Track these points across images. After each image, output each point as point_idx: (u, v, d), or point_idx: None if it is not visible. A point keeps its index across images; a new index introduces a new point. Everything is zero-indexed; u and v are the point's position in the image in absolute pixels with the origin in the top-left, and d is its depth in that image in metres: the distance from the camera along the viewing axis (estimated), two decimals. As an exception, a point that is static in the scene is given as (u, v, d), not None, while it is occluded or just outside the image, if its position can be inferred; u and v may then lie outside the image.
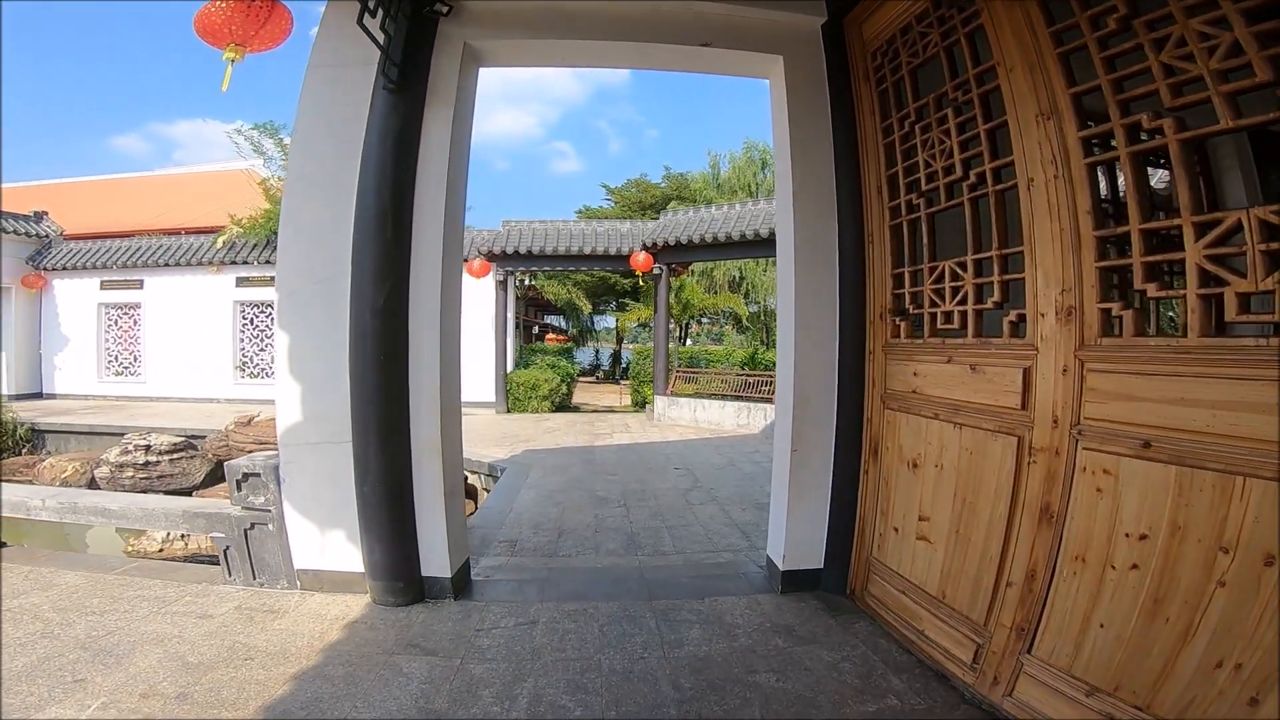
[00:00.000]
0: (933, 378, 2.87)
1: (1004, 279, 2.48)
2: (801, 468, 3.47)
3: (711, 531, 5.03)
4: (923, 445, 2.90)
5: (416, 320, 3.29)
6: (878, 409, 3.27)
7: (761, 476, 7.03)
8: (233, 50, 2.95)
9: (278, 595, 3.41)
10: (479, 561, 4.34)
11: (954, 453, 2.69)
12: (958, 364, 2.70)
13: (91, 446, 10.38)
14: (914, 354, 3.02)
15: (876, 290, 3.30)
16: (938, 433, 2.79)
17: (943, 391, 2.79)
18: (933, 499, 2.85)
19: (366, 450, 3.24)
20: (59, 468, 9.49)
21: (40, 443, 10.85)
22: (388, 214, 3.19)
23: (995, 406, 2.48)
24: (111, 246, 14.19)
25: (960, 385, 2.67)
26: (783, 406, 3.64)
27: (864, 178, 3.39)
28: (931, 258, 2.91)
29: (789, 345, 3.53)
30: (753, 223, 11.34)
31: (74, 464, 9.53)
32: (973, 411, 2.60)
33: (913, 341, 3.04)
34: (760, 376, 11.83)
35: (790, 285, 3.53)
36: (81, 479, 9.39)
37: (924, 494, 2.90)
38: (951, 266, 2.75)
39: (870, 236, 3.35)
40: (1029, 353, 2.33)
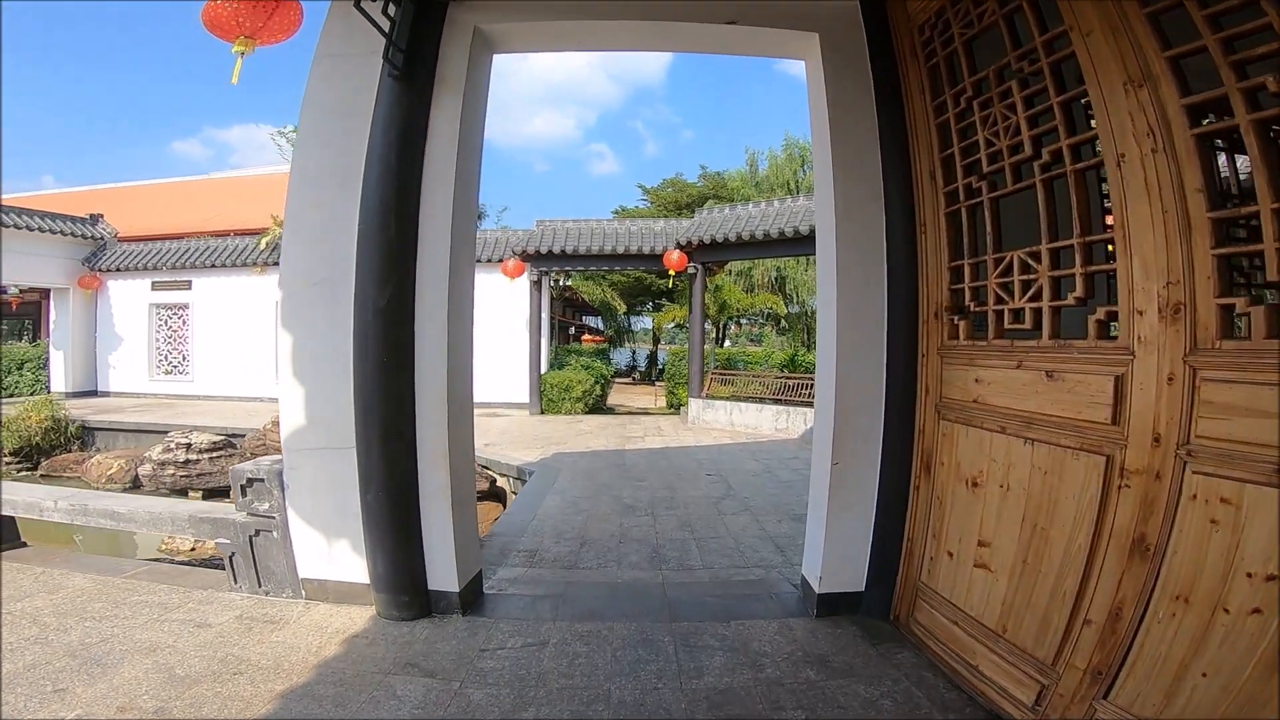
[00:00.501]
0: (999, 385, 2.50)
1: (1089, 271, 2.10)
2: (843, 483, 3.12)
3: (743, 545, 4.70)
4: (985, 462, 2.53)
5: (422, 322, 3.08)
6: (931, 419, 2.91)
7: (800, 485, 6.65)
8: (241, 43, 2.84)
9: (281, 605, 3.29)
10: (496, 572, 4.15)
11: (1023, 472, 2.32)
12: (1030, 370, 2.33)
13: (138, 444, 10.67)
14: (976, 358, 2.65)
15: (930, 286, 2.93)
16: (1004, 448, 2.42)
17: (1011, 401, 2.42)
18: (995, 523, 2.49)
19: (369, 457, 3.05)
20: (105, 465, 9.77)
21: (90, 440, 11.22)
22: (391, 209, 3.00)
23: (1077, 420, 2.10)
24: (162, 248, 14.68)
25: (1033, 395, 2.30)
26: (822, 415, 3.30)
27: (914, 161, 3.07)
28: (996, 248, 2.55)
29: (830, 348, 3.19)
30: (792, 219, 10.90)
31: (119, 461, 9.80)
32: (1048, 425, 2.23)
33: (974, 344, 2.67)
34: (800, 379, 11.38)
35: (831, 282, 3.18)
36: (126, 476, 9.64)
37: (985, 517, 2.54)
38: (1021, 257, 2.38)
39: (923, 225, 2.99)
40: (1122, 357, 1.95)
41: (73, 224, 14.38)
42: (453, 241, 3.11)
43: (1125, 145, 1.94)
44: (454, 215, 3.11)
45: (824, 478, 3.16)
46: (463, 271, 3.26)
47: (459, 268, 3.19)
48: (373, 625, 3.08)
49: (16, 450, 10.65)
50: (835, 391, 3.11)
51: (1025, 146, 2.37)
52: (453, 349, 3.12)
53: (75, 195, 20.72)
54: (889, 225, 3.11)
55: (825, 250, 3.29)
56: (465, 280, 3.30)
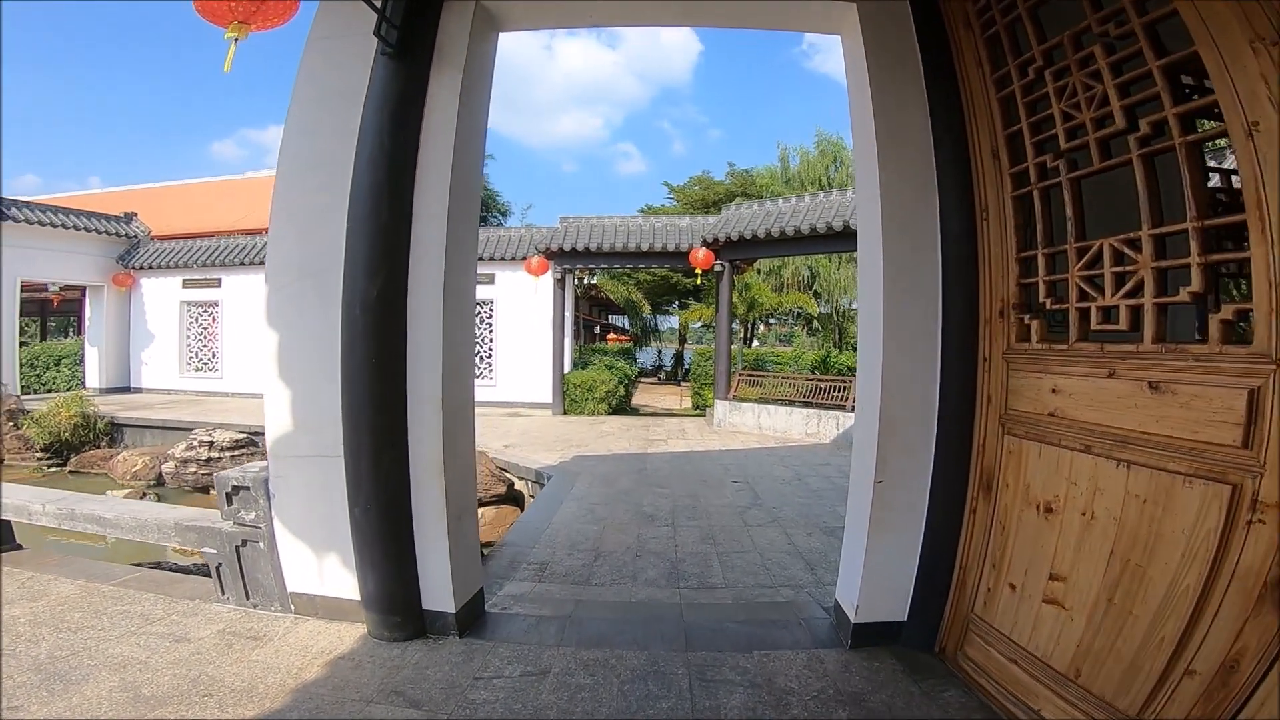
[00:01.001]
0: (1083, 396, 2.11)
1: (1209, 260, 1.70)
2: (886, 502, 2.74)
3: (770, 561, 4.34)
4: (1063, 485, 2.14)
5: (416, 317, 2.81)
6: (994, 433, 2.52)
7: (832, 494, 6.24)
8: (235, 29, 2.68)
9: (269, 619, 3.08)
10: (502, 587, 3.88)
11: (1114, 499, 1.93)
12: (1126, 379, 1.94)
13: (164, 440, 10.73)
14: (1052, 364, 2.26)
15: (994, 280, 2.55)
16: (1088, 471, 2.03)
17: (1099, 416, 2.02)
18: (1073, 555, 2.11)
19: (358, 467, 2.79)
20: (130, 462, 9.82)
21: (119, 436, 11.33)
22: (383, 194, 2.74)
23: (1192, 441, 1.71)
24: (193, 246, 14.87)
25: (1130, 409, 1.91)
26: (864, 426, 2.92)
27: (972, 140, 2.70)
28: (1079, 235, 2.16)
29: (874, 351, 2.81)
30: (824, 215, 10.43)
31: (144, 458, 9.84)
32: (1150, 446, 1.84)
33: (1051, 347, 2.28)
34: (833, 381, 10.90)
35: (876, 276, 2.80)
36: (151, 473, 9.68)
37: (1060, 548, 2.16)
38: (1114, 246, 2.00)
39: (984, 211, 2.62)
40: (1259, 366, 1.56)
41: (107, 222, 14.64)
42: (449, 228, 2.83)
43: (1258, 112, 1.58)
44: (451, 200, 2.83)
45: (864, 496, 2.79)
46: (462, 262, 2.98)
47: (457, 258, 2.91)
48: (361, 646, 2.85)
49: (47, 446, 10.81)
50: (880, 400, 2.73)
51: (1116, 118, 2.01)
52: (449, 348, 2.84)
53: (113, 195, 21.23)
54: (943, 212, 2.74)
55: (869, 241, 2.91)
56: (464, 272, 3.02)
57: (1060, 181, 2.24)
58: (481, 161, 3.24)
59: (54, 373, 15.47)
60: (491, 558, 4.47)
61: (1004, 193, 2.55)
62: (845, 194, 10.85)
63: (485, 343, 13.63)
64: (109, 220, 14.71)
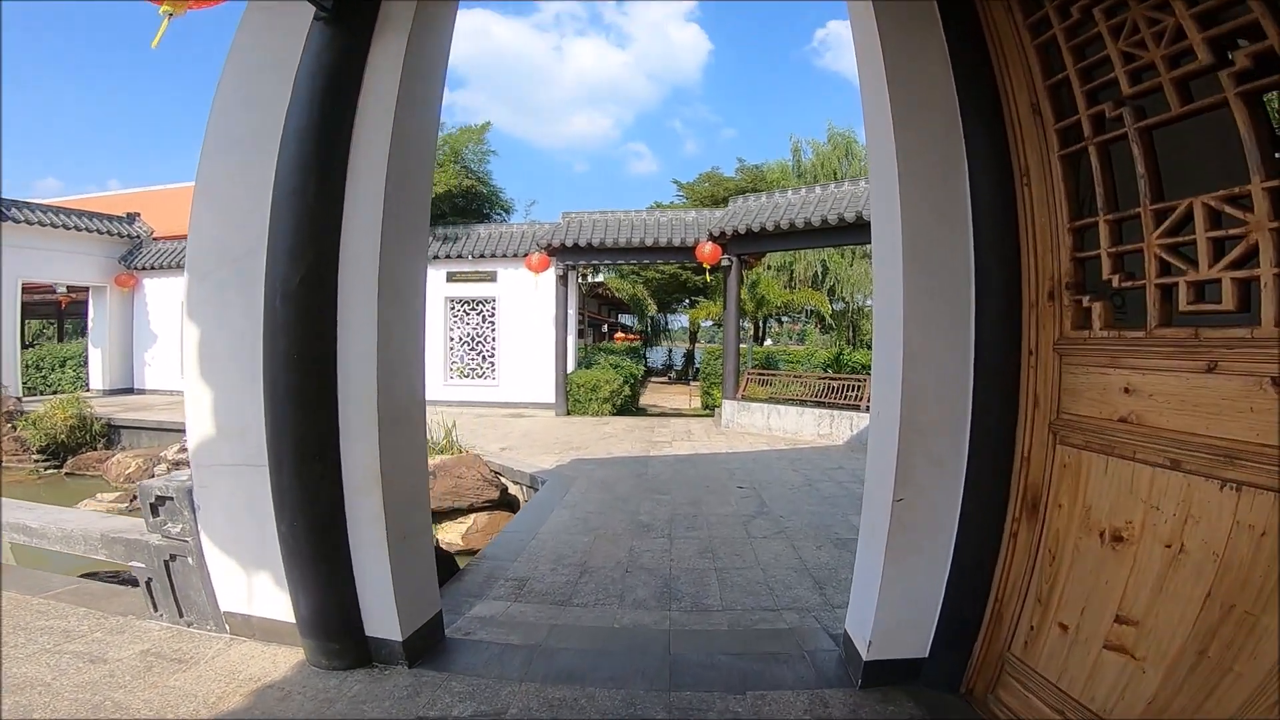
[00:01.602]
0: (1170, 397, 1.65)
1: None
2: (908, 523, 2.28)
3: (773, 578, 3.89)
4: (1138, 509, 1.68)
5: (348, 308, 2.41)
6: (1042, 443, 2.06)
7: (845, 501, 5.77)
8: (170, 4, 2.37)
9: (201, 640, 2.76)
10: (472, 607, 3.49)
11: (1215, 529, 1.48)
12: (1235, 374, 1.48)
13: (160, 442, 10.51)
14: (1124, 356, 1.80)
15: (1040, 256, 2.09)
16: (1179, 492, 1.57)
17: (1194, 423, 1.57)
18: (1150, 595, 1.66)
19: (281, 479, 2.41)
20: (124, 464, 9.59)
21: (116, 438, 11.13)
22: (310, 169, 2.37)
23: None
24: (195, 246, 14.66)
25: (1243, 414, 1.45)
26: (881, 435, 2.45)
27: (1005, 94, 2.26)
28: (1156, 194, 1.70)
29: (892, 347, 2.35)
30: (835, 206, 9.93)
31: (137, 460, 9.61)
32: (1270, 463, 1.36)
33: (1121, 335, 1.82)
34: (846, 380, 10.39)
35: (893, 257, 2.34)
36: (144, 475, 9.42)
37: (1132, 585, 1.71)
38: (1210, 204, 1.54)
39: (1024, 174, 2.17)
40: None
41: (108, 222, 14.50)
42: (388, 209, 2.43)
43: None
44: (390, 178, 2.43)
45: (880, 515, 2.33)
46: (406, 246, 2.58)
47: (399, 241, 2.51)
48: (296, 674, 2.51)
49: (43, 448, 10.65)
50: (901, 403, 2.26)
51: (1199, 51, 1.58)
52: (386, 343, 2.43)
53: (125, 197, 21.21)
54: (973, 178, 2.28)
55: (884, 216, 2.45)
56: (408, 257, 2.61)
57: (1126, 133, 1.79)
58: (433, 138, 2.85)
59: (59, 374, 15.40)
60: (465, 572, 4.08)
61: (1049, 152, 2.11)
62: (857, 184, 10.33)
63: (488, 342, 13.31)
64: (110, 220, 14.58)
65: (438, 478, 6.90)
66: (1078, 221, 1.96)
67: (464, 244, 13.12)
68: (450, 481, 6.83)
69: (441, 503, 6.87)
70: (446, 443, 8.09)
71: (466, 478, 6.90)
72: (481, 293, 13.21)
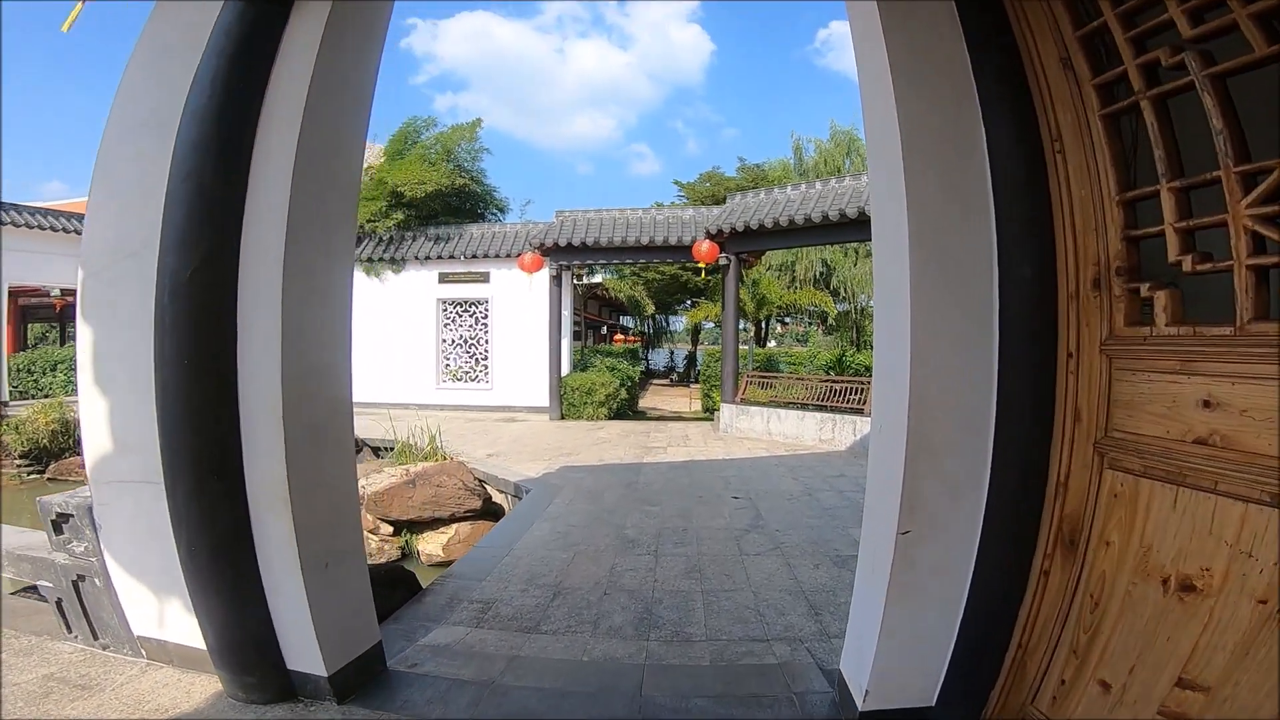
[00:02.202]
0: (1271, 416, 1.27)
1: None
2: (915, 560, 1.91)
3: (765, 602, 3.53)
4: (1221, 553, 1.32)
5: (251, 305, 2.07)
6: (1085, 465, 1.69)
7: (846, 513, 5.39)
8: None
9: (114, 664, 2.50)
10: (427, 633, 3.16)
11: None
12: None
13: (142, 447, 10.23)
14: (1200, 359, 1.43)
15: (1080, 235, 1.73)
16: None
17: None
18: (1231, 658, 1.31)
19: (176, 498, 2.08)
20: (101, 469, 9.31)
21: (97, 442, 10.83)
22: (209, 150, 2.05)
23: None
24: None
25: None
26: (883, 454, 2.07)
27: (1027, 49, 1.90)
28: (1240, 154, 1.34)
29: (895, 348, 1.98)
30: (837, 201, 9.54)
31: (115, 465, 9.33)
32: None
33: (1199, 332, 1.44)
34: (848, 383, 10.00)
35: (896, 240, 1.96)
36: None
37: (1204, 643, 1.36)
38: None
39: (1056, 141, 1.81)
40: None
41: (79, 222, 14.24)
42: (298, 195, 2.09)
43: None
44: (301, 160, 2.09)
45: (882, 549, 1.95)
46: (325, 239, 2.24)
47: (314, 232, 2.18)
48: (210, 706, 2.24)
49: (25, 453, 10.42)
50: (908, 419, 1.88)
51: None
52: (296, 345, 2.09)
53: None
54: (992, 148, 1.90)
55: (885, 197, 2.06)
56: (328, 252, 2.27)
57: (1190, 83, 1.43)
58: (363, 124, 2.48)
59: (50, 378, 15.13)
60: (427, 593, 3.73)
61: (1086, 112, 1.74)
62: (860, 179, 9.95)
63: (481, 344, 12.98)
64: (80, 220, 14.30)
65: (417, 486, 6.56)
66: (1129, 193, 1.58)
67: (456, 244, 12.80)
68: (430, 490, 6.48)
69: (421, 512, 6.53)
70: (431, 449, 7.76)
71: (447, 486, 6.55)
72: (474, 294, 12.88)
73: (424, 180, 12.75)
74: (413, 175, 12.81)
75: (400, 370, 12.88)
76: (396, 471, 6.82)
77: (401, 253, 12.91)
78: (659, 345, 27.61)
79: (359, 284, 13.21)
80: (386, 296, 13.06)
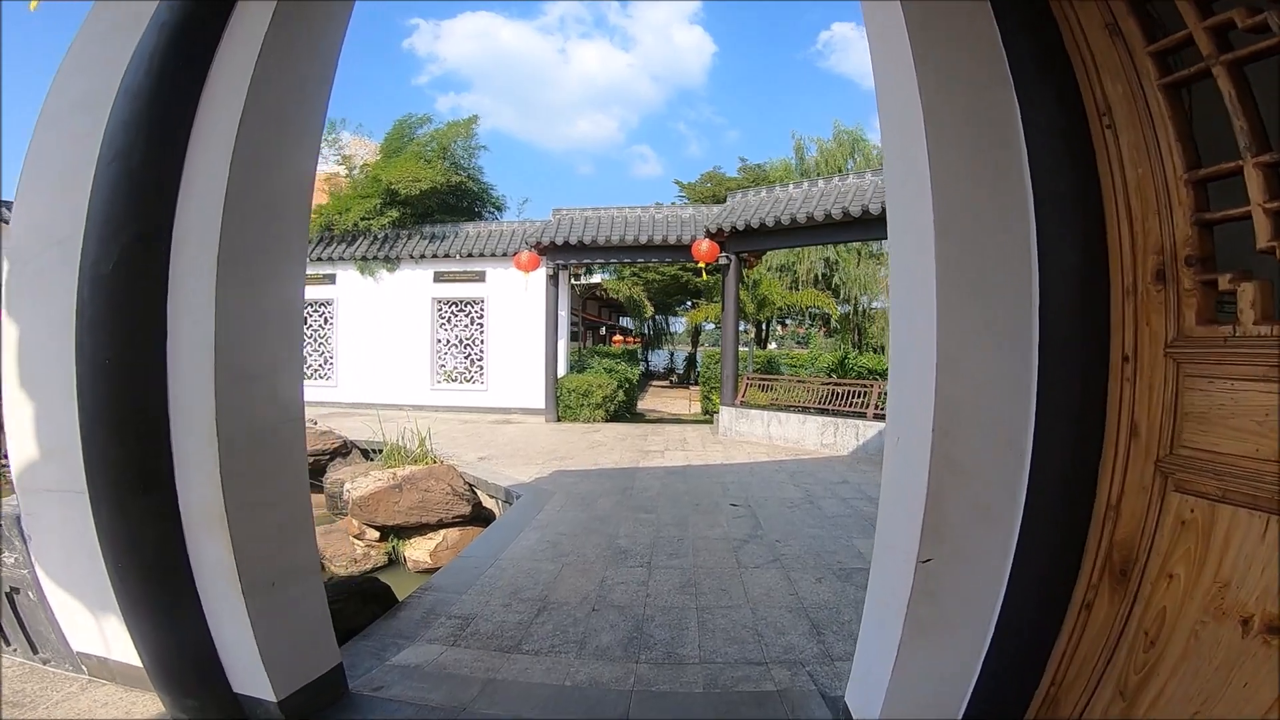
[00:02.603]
0: None
1: None
2: (936, 590, 1.66)
3: (764, 621, 3.29)
4: None
5: (180, 300, 1.84)
6: (1143, 487, 1.44)
7: (850, 521, 5.15)
8: None
9: (55, 680, 2.33)
10: (399, 651, 2.94)
11: None
12: None
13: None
14: None
15: (1138, 220, 1.48)
16: None
17: None
18: None
19: (101, 511, 1.85)
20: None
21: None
22: (140, 128, 1.85)
23: None
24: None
25: None
26: (901, 471, 1.81)
27: (1066, 16, 1.67)
28: None
29: (917, 351, 1.73)
30: (841, 200, 9.32)
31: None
32: None
33: None
34: (851, 385, 9.76)
35: (921, 232, 1.71)
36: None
37: None
38: None
39: (1104, 114, 1.58)
40: None
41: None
42: (233, 175, 1.86)
43: None
44: (240, 136, 1.86)
45: (897, 576, 1.69)
46: (267, 229, 2.00)
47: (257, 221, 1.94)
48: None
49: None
50: (933, 433, 1.62)
51: None
52: (234, 345, 1.87)
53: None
54: (1028, 126, 1.65)
55: (906, 181, 1.81)
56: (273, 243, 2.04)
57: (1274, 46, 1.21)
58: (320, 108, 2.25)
59: None
60: (403, 606, 3.50)
61: (1142, 82, 1.50)
62: (864, 177, 9.73)
63: (477, 344, 12.76)
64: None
65: (404, 491, 6.33)
66: (1201, 170, 1.34)
67: (452, 243, 12.58)
68: (416, 495, 6.25)
69: (408, 518, 6.29)
70: (420, 452, 7.51)
71: (435, 491, 6.31)
72: (470, 293, 12.65)
73: (419, 178, 12.53)
74: (407, 172, 12.59)
75: (394, 371, 12.67)
76: (383, 475, 6.58)
77: (396, 251, 12.69)
78: (659, 347, 27.37)
79: (353, 283, 13.07)
80: (381, 296, 12.85)
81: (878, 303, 19.80)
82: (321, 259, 13.07)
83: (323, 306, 13.36)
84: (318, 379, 13.40)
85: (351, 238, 13.07)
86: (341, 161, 14.15)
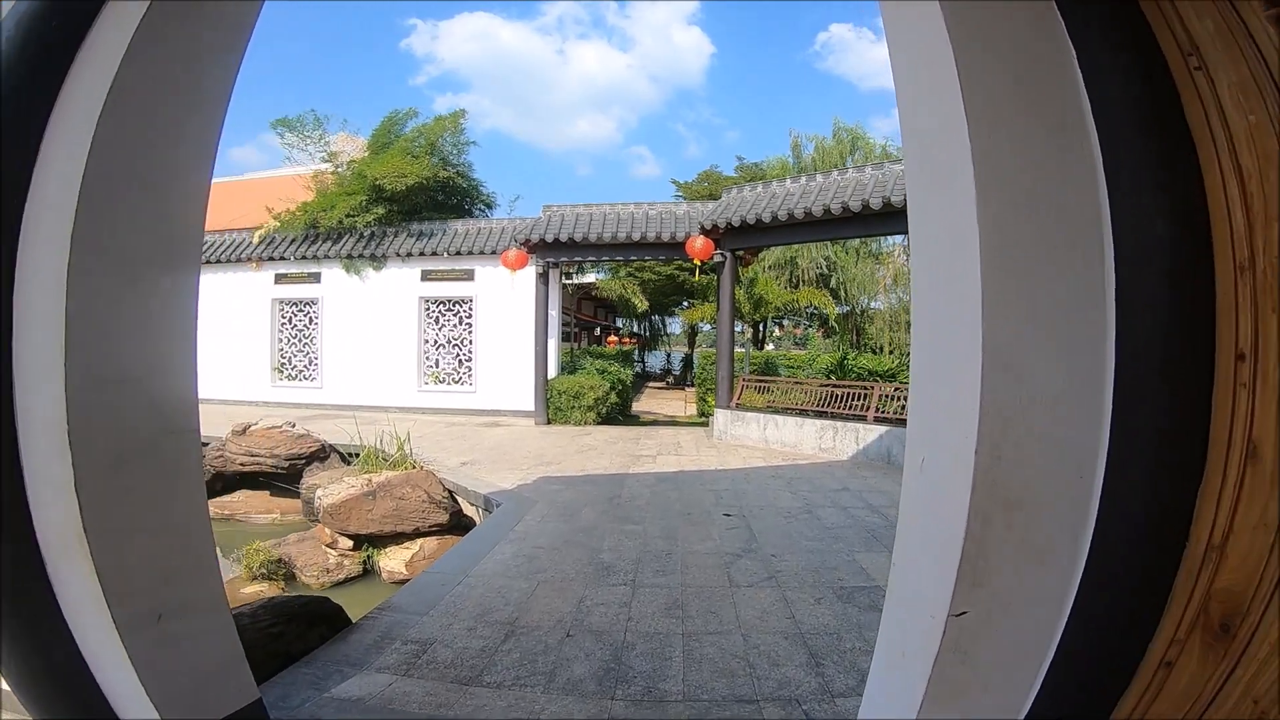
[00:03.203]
0: None
1: None
2: (970, 650, 1.27)
3: (756, 649, 2.95)
4: None
5: (24, 290, 1.48)
6: (1264, 522, 1.04)
7: (851, 533, 4.80)
8: None
9: None
10: (343, 680, 2.64)
11: None
12: None
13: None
14: None
15: (1249, 181, 1.08)
16: None
17: None
18: None
19: None
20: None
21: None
22: None
23: None
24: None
25: None
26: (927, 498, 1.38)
27: None
28: None
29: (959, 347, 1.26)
30: (839, 195, 8.99)
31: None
32: None
33: None
34: (851, 387, 9.42)
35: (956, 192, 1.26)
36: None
37: None
38: None
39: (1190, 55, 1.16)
40: None
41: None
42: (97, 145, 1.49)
43: None
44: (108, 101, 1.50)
45: (923, 633, 1.28)
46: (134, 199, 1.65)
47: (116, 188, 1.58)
48: None
49: None
50: (976, 453, 1.19)
51: None
52: (88, 343, 1.49)
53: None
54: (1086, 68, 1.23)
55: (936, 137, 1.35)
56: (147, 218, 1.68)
57: None
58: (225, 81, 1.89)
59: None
60: (355, 629, 3.16)
61: (1240, 15, 1.11)
62: (863, 171, 9.41)
63: (465, 344, 12.40)
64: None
65: (377, 498, 5.98)
66: None
67: (440, 240, 12.22)
68: (390, 503, 5.90)
69: (381, 527, 5.95)
70: (399, 456, 7.16)
71: (410, 499, 5.96)
72: (458, 292, 12.29)
73: (405, 173, 12.17)
74: (394, 168, 12.24)
75: (381, 372, 12.30)
76: (357, 481, 6.23)
77: (383, 249, 12.34)
78: (656, 347, 27.02)
79: (338, 282, 12.69)
80: (367, 295, 12.50)
81: (877, 303, 19.48)
82: (306, 257, 12.72)
83: (307, 306, 13.00)
84: (302, 380, 13.05)
85: (337, 235, 12.71)
86: (328, 158, 13.79)
